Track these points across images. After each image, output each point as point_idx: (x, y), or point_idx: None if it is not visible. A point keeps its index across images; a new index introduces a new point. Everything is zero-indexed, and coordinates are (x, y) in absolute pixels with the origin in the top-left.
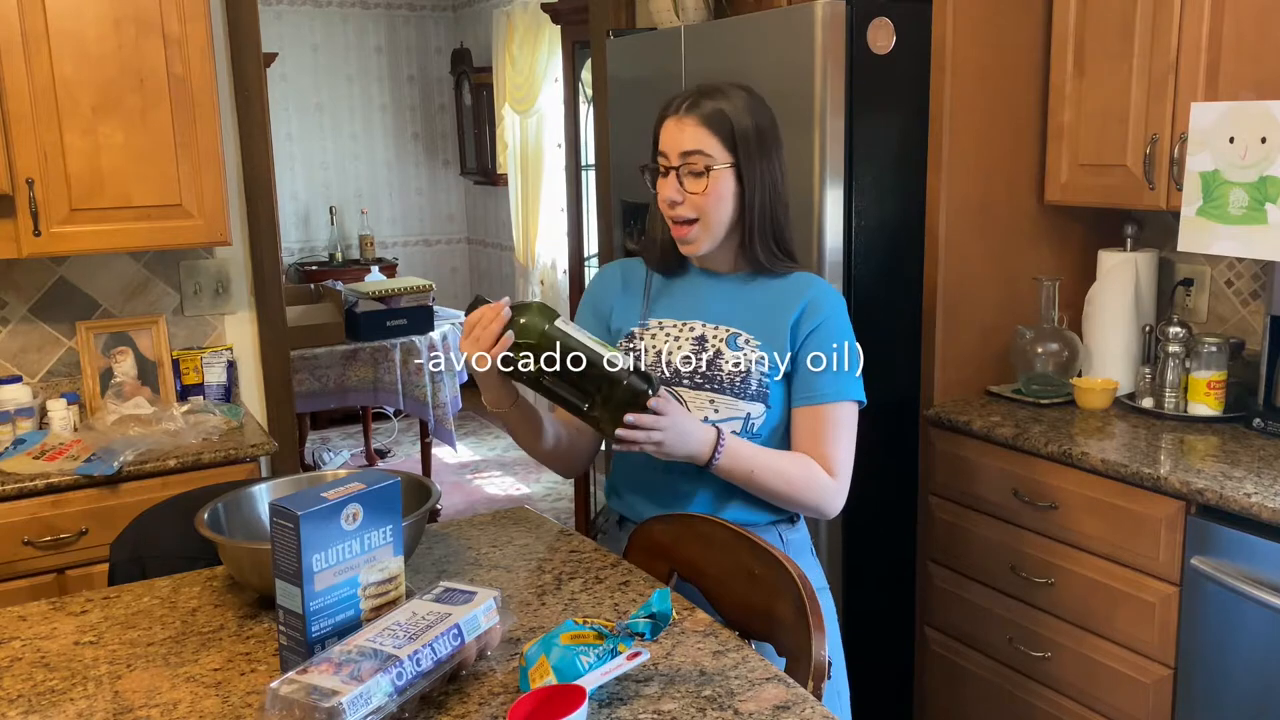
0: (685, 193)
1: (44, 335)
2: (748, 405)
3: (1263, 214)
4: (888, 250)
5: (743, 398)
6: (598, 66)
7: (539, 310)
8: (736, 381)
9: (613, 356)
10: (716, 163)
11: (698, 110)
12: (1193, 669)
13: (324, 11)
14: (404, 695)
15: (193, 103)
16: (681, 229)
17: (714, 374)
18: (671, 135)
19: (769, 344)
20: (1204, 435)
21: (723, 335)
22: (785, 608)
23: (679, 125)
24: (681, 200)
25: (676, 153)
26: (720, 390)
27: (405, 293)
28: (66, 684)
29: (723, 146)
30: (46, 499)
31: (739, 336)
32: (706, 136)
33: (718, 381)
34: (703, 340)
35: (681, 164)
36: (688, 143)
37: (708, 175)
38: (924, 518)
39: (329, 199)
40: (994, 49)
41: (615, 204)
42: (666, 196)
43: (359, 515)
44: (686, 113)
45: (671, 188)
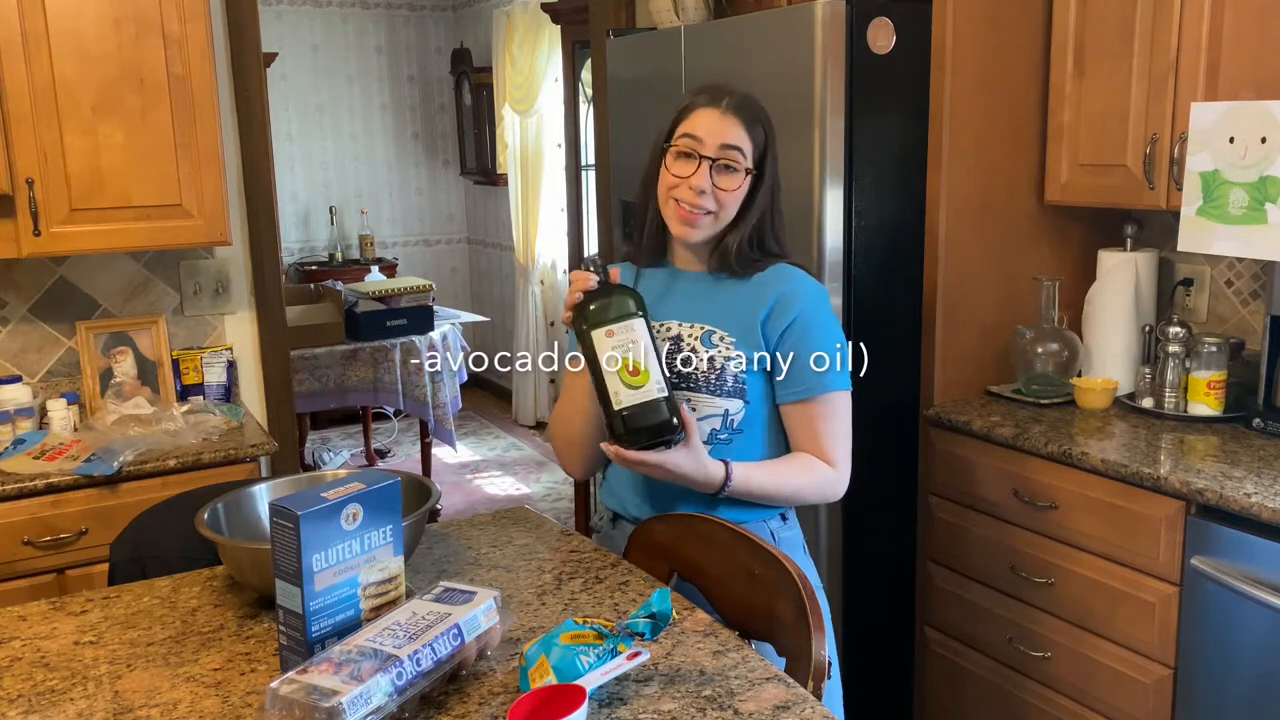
0: (715, 187)
1: (44, 335)
2: (725, 402)
3: (1263, 214)
4: (888, 250)
5: (719, 395)
6: (598, 66)
7: (617, 303)
8: (712, 379)
9: (661, 383)
10: (747, 165)
11: (743, 111)
12: (1193, 669)
13: (324, 11)
14: (404, 695)
15: (193, 103)
16: (693, 215)
17: (689, 373)
18: (713, 125)
19: (743, 340)
20: (1204, 435)
21: (697, 333)
22: (785, 608)
23: (724, 118)
24: (709, 191)
25: (717, 144)
26: (696, 389)
27: (405, 293)
28: (66, 684)
29: (754, 151)
30: (46, 499)
31: (713, 334)
32: (745, 138)
33: (693, 380)
34: (679, 339)
35: (718, 157)
36: (731, 137)
37: (738, 175)
38: (924, 518)
39: (329, 199)
40: (994, 49)
41: (615, 204)
42: (696, 184)
43: (359, 515)
44: (731, 110)
45: (703, 177)
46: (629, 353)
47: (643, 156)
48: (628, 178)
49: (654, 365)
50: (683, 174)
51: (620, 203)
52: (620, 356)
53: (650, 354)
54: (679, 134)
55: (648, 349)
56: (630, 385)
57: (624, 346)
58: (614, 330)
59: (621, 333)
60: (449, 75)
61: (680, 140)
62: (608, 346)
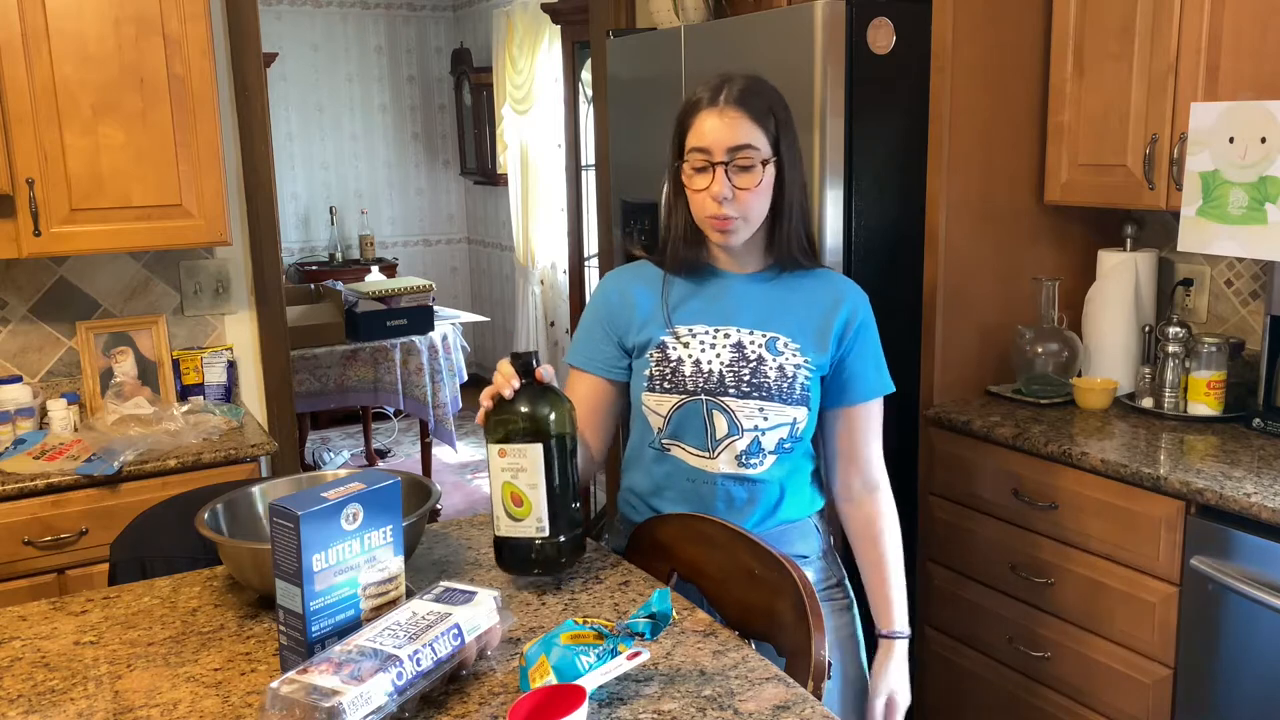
0: (735, 189)
1: (44, 335)
2: (794, 410)
3: (1263, 214)
4: (888, 250)
5: (789, 403)
6: (598, 66)
7: (516, 420)
8: (784, 387)
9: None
10: (764, 156)
11: (741, 102)
12: (1193, 669)
13: (324, 11)
14: (404, 695)
15: (193, 103)
16: (724, 223)
17: (760, 381)
18: (715, 129)
19: (808, 346)
20: (1204, 435)
21: (760, 340)
22: (785, 608)
23: (723, 118)
24: (732, 197)
25: (723, 148)
26: (768, 398)
27: (405, 293)
28: (67, 684)
29: (767, 140)
30: (47, 499)
31: (777, 340)
32: (753, 129)
33: (765, 389)
34: (740, 346)
35: (730, 160)
36: (739, 137)
37: (758, 170)
38: (924, 518)
39: (329, 199)
40: (994, 49)
41: (615, 204)
42: (717, 194)
43: (359, 515)
44: (729, 105)
45: (721, 184)
46: (516, 479)
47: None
48: (628, 178)
49: (540, 499)
50: (702, 186)
51: (620, 203)
52: (505, 481)
53: (539, 486)
54: (689, 147)
55: (536, 480)
56: (511, 515)
57: (512, 470)
58: (506, 450)
59: (514, 455)
60: (449, 75)
61: (690, 156)
62: (498, 466)
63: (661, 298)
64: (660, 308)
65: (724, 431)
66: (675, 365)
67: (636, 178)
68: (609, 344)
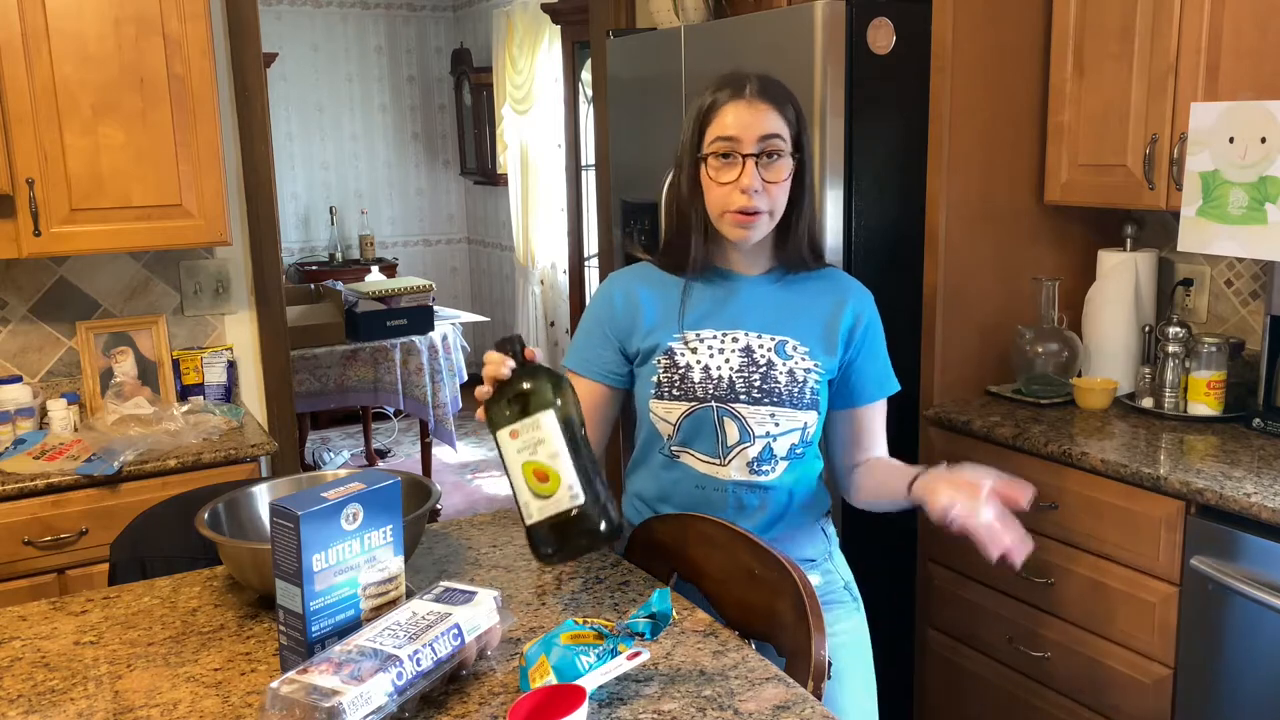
0: (765, 181)
1: (44, 335)
2: (804, 414)
3: (1263, 214)
4: (888, 250)
5: (800, 408)
6: (598, 66)
7: (522, 396)
8: (794, 392)
9: (574, 486)
10: (789, 148)
11: (768, 93)
12: (1193, 669)
13: (324, 11)
14: (404, 695)
15: (193, 103)
16: (750, 217)
17: (771, 387)
18: (746, 118)
19: (817, 349)
20: (1204, 435)
21: (770, 344)
22: (785, 608)
23: (751, 108)
24: (760, 189)
25: (754, 137)
26: (780, 403)
27: (405, 293)
28: (67, 684)
29: (789, 133)
30: (47, 499)
31: (786, 344)
32: (780, 122)
33: (776, 395)
34: (750, 351)
35: (759, 150)
36: (769, 126)
37: (786, 161)
38: (924, 517)
39: (329, 199)
40: (994, 49)
41: (615, 204)
42: (747, 185)
43: (359, 515)
44: (758, 96)
45: (751, 175)
46: (535, 453)
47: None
48: (628, 178)
49: (565, 466)
50: (729, 179)
51: (620, 203)
52: (524, 461)
53: (561, 454)
54: (711, 139)
55: (557, 448)
56: (539, 495)
57: (530, 447)
58: (518, 430)
59: (527, 431)
60: (449, 75)
61: (715, 144)
62: (513, 449)
63: (679, 302)
64: (671, 312)
65: (735, 438)
66: (684, 372)
67: (636, 178)
68: (609, 349)
